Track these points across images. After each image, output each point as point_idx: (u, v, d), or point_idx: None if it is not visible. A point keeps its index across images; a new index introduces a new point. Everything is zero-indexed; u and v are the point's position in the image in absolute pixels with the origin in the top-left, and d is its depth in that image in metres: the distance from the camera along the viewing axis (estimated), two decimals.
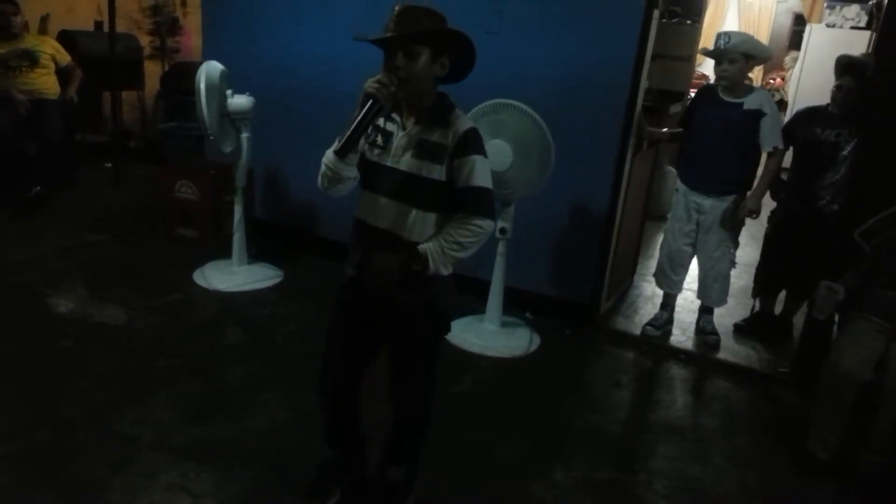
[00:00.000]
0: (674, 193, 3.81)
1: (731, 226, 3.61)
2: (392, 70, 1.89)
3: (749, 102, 3.45)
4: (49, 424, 2.63)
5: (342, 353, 2.21)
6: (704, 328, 3.86)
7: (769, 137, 3.45)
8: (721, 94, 3.52)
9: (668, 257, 3.82)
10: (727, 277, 3.73)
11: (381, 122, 2.00)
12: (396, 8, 1.92)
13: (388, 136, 2.00)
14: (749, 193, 3.56)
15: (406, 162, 1.97)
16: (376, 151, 2.01)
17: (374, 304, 2.08)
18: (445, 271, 2.00)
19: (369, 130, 1.96)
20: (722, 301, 3.79)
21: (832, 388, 2.71)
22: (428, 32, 1.90)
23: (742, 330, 4.01)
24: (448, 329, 2.20)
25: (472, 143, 1.96)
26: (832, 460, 2.72)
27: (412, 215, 1.98)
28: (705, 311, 3.89)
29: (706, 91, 3.70)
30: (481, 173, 1.96)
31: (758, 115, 3.43)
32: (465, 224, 1.95)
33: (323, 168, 2.00)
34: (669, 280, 3.85)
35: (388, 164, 1.99)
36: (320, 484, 2.33)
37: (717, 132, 3.50)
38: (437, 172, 1.95)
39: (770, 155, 3.53)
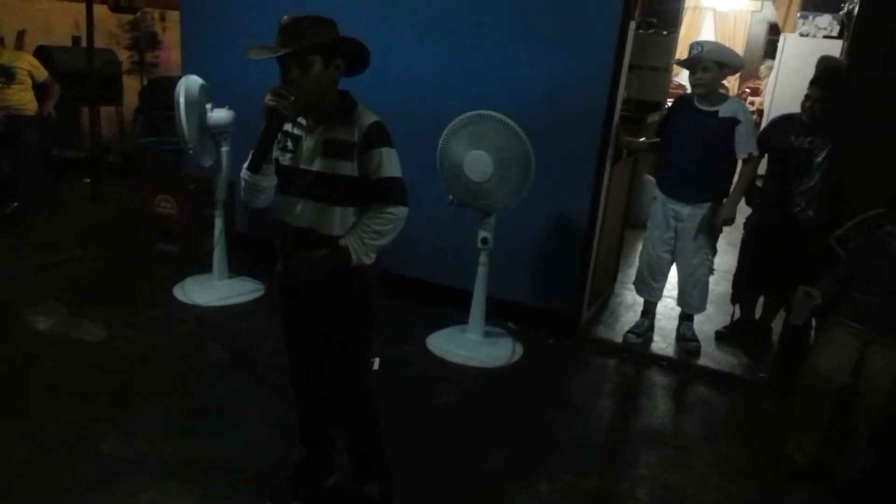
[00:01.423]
0: (652, 202, 3.85)
1: (709, 233, 3.65)
2: (289, 81, 1.98)
3: (724, 110, 3.51)
4: (28, 445, 2.60)
5: (298, 353, 2.34)
6: (685, 335, 3.90)
7: (744, 144, 3.51)
8: (696, 103, 3.57)
9: (647, 265, 3.85)
10: (706, 284, 3.78)
11: (289, 127, 2.08)
12: (283, 20, 2.01)
13: (297, 139, 2.09)
14: (725, 201, 3.61)
15: (317, 163, 2.06)
16: (288, 156, 2.10)
17: (308, 300, 2.18)
18: (368, 261, 2.07)
19: (279, 137, 2.06)
20: (701, 307, 3.83)
21: (810, 392, 2.74)
22: (314, 45, 1.96)
23: (723, 337, 4.05)
24: (372, 320, 2.24)
25: (376, 136, 2.04)
26: (811, 464, 2.75)
27: (330, 212, 2.06)
28: (685, 318, 3.93)
29: (682, 100, 3.76)
30: (388, 164, 2.04)
31: (733, 122, 3.49)
32: (380, 213, 2.04)
33: (242, 183, 2.10)
34: (649, 288, 3.88)
35: (301, 166, 2.08)
36: (289, 483, 2.40)
37: (693, 140, 3.55)
38: (349, 169, 2.03)
39: (745, 162, 3.58)
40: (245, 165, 2.07)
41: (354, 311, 2.19)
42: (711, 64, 3.46)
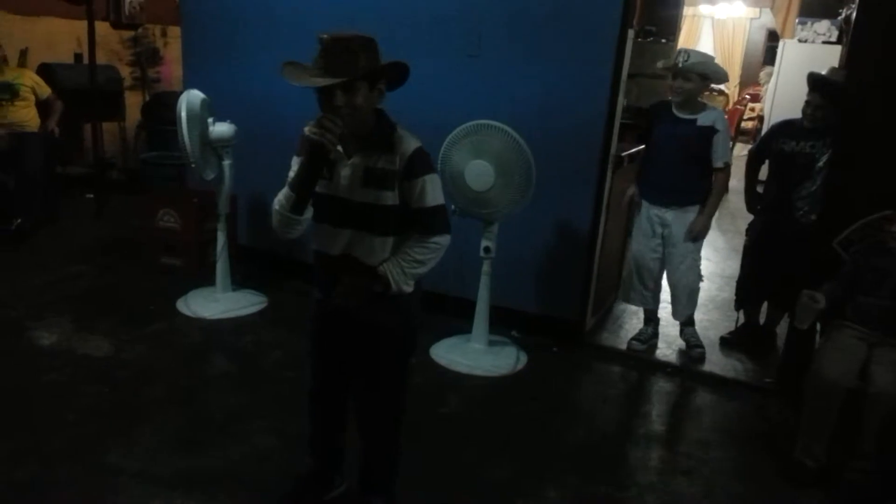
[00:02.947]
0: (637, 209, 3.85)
1: (695, 236, 3.67)
2: (332, 109, 1.85)
3: (703, 119, 3.54)
4: (33, 458, 2.60)
5: (326, 377, 2.28)
6: (689, 341, 3.89)
7: (720, 153, 3.57)
8: (675, 111, 3.59)
9: (636, 273, 3.84)
10: (696, 289, 3.79)
11: None
12: (325, 38, 1.87)
13: (332, 165, 1.98)
14: (699, 215, 3.63)
15: (358, 192, 1.97)
16: (323, 183, 1.99)
17: (346, 327, 2.12)
18: (408, 289, 2.02)
19: None
20: (689, 311, 3.83)
21: (817, 396, 2.73)
22: (366, 72, 1.86)
23: (728, 342, 4.04)
24: (414, 347, 2.22)
25: (419, 165, 1.97)
26: (819, 468, 2.73)
27: (370, 240, 2.00)
28: (687, 324, 3.91)
29: (661, 107, 3.74)
30: (432, 192, 1.99)
31: (710, 131, 3.53)
32: (423, 242, 1.99)
33: (277, 216, 2.01)
34: (640, 295, 3.88)
35: (341, 195, 1.99)
36: (295, 494, 2.39)
37: (672, 147, 3.58)
38: (390, 199, 1.96)
39: (719, 170, 3.61)
40: (280, 199, 1.97)
41: (394, 339, 2.14)
42: (694, 75, 3.48)
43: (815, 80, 3.65)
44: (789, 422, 3.06)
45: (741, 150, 8.51)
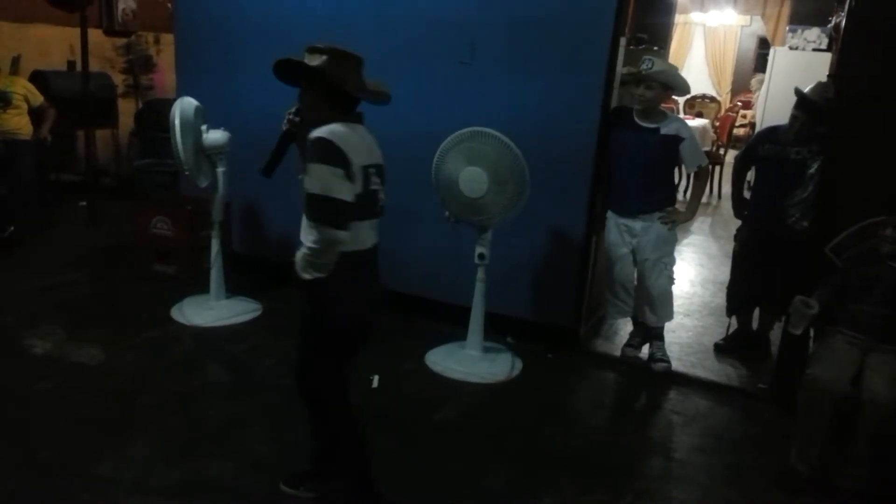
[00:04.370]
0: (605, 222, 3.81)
1: (665, 243, 3.65)
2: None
3: (666, 128, 3.52)
4: (26, 469, 2.58)
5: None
6: (654, 354, 3.82)
7: (692, 158, 3.60)
8: (636, 119, 3.56)
9: (611, 288, 3.82)
10: (670, 292, 3.76)
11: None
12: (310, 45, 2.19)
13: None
14: (684, 209, 3.69)
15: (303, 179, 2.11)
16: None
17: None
18: (307, 276, 2.08)
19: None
20: (669, 317, 3.81)
21: (810, 402, 2.74)
22: (310, 78, 2.13)
23: (721, 349, 4.05)
24: (332, 340, 2.24)
25: (310, 151, 2.06)
26: (813, 474, 2.74)
27: (306, 224, 2.10)
28: (655, 337, 3.85)
29: (620, 114, 3.68)
30: (311, 180, 2.04)
31: (675, 140, 3.52)
32: (314, 232, 2.04)
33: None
34: (616, 307, 3.85)
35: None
36: (307, 474, 2.50)
37: (637, 157, 3.55)
38: (304, 183, 2.08)
39: (696, 174, 3.68)
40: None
41: (307, 324, 2.27)
42: (656, 84, 3.46)
43: (799, 98, 3.65)
44: (783, 428, 3.06)
45: (733, 157, 8.55)
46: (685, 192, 6.21)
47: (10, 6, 6.12)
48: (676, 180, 3.90)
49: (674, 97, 8.83)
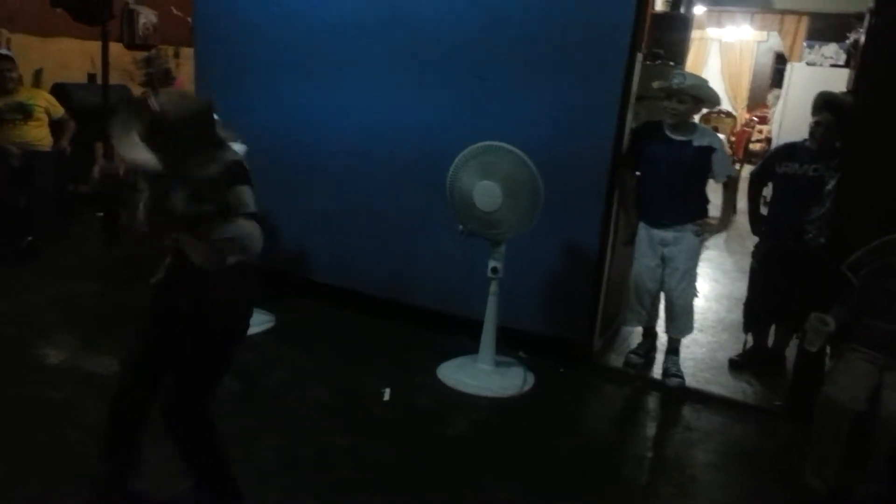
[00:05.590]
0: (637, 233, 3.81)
1: (694, 256, 3.69)
2: None
3: (697, 140, 3.56)
4: (35, 476, 2.60)
5: None
6: (668, 369, 3.80)
7: (722, 169, 3.62)
8: (667, 132, 3.59)
9: (635, 294, 3.83)
10: (692, 307, 3.78)
11: None
12: None
13: None
14: (717, 222, 3.79)
15: None
16: None
17: None
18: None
19: None
20: (689, 330, 3.81)
21: (827, 420, 2.71)
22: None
23: (737, 365, 4.02)
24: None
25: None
26: (829, 493, 2.70)
27: None
28: (671, 351, 3.85)
29: (650, 128, 3.71)
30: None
31: (708, 151, 3.56)
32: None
33: None
34: (637, 314, 3.88)
35: None
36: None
37: (670, 170, 3.58)
38: None
39: (725, 185, 3.73)
40: None
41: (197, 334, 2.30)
42: (688, 97, 3.49)
43: (826, 100, 3.66)
44: (798, 445, 3.03)
45: (749, 172, 8.51)
46: None
47: (34, 21, 6.22)
48: None
49: None
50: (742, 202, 4.23)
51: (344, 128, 4.25)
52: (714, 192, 3.77)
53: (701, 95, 3.53)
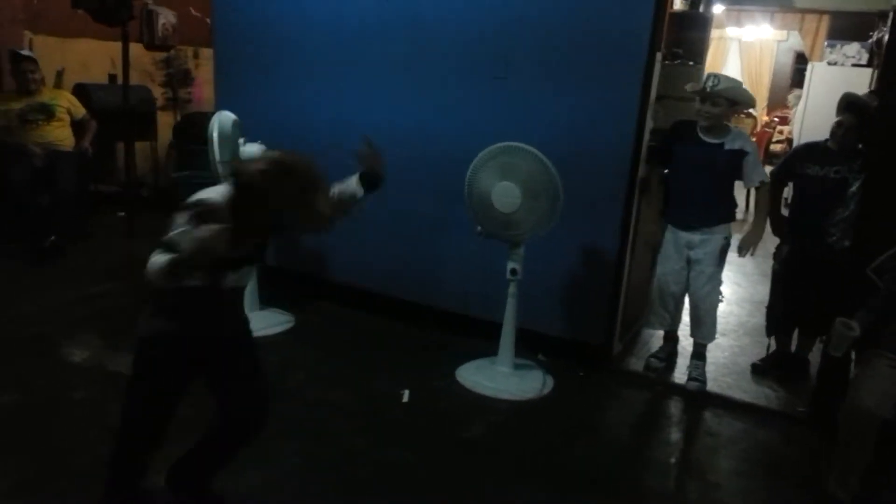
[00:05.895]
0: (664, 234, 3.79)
1: (720, 260, 3.65)
2: None
3: (730, 143, 3.51)
4: (61, 476, 2.62)
5: None
6: (691, 373, 3.77)
7: (754, 173, 3.56)
8: (700, 134, 3.55)
9: (659, 297, 3.79)
10: (716, 311, 3.74)
11: None
12: None
13: None
14: (748, 233, 3.67)
15: None
16: None
17: None
18: None
19: None
20: (713, 335, 3.77)
21: (852, 427, 2.67)
22: None
23: (759, 370, 3.97)
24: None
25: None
26: (854, 502, 2.66)
27: None
28: (696, 356, 3.81)
29: (682, 128, 3.67)
30: None
31: (741, 154, 3.51)
32: None
33: None
34: (660, 318, 3.84)
35: None
36: None
37: (702, 173, 3.54)
38: None
39: (758, 189, 3.69)
40: None
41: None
42: (722, 100, 3.45)
43: (849, 101, 3.61)
44: (822, 452, 2.98)
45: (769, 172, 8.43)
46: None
47: (56, 22, 6.29)
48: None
49: None
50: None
51: (364, 128, 4.24)
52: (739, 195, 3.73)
53: (735, 97, 3.49)
